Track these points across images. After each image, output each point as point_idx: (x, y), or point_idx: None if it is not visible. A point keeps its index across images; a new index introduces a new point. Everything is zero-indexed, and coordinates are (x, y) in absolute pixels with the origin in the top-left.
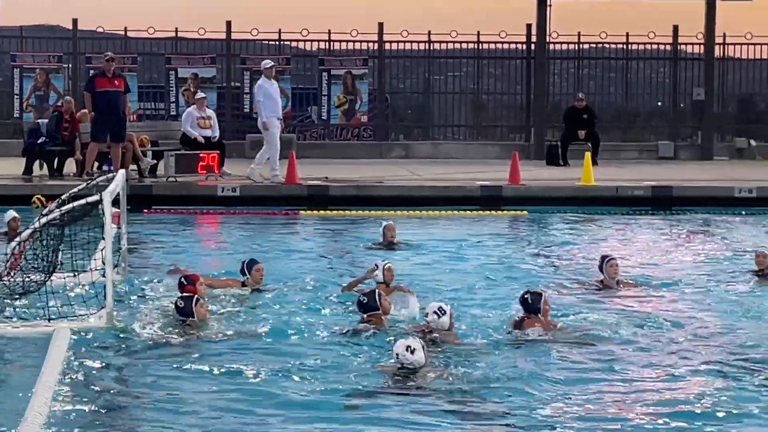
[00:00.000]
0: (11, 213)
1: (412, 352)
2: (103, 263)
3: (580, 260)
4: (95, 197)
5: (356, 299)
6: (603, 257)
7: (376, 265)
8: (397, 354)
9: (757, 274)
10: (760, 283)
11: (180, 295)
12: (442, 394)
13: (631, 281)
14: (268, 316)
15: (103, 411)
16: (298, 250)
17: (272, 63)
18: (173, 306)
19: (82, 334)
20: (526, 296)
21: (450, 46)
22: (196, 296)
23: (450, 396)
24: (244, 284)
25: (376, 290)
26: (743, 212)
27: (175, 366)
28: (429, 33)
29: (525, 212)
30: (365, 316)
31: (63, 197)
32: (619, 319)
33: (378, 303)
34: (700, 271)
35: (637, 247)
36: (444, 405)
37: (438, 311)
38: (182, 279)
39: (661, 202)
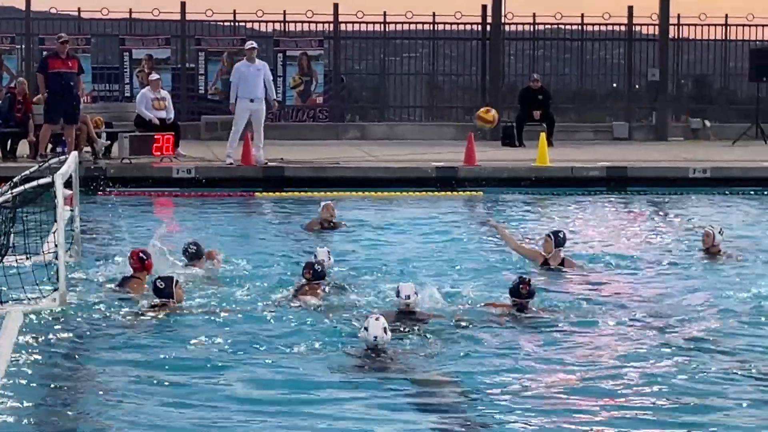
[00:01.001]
0: None
1: (386, 331)
2: (56, 246)
3: (535, 241)
4: (47, 179)
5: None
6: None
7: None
8: (375, 336)
9: (705, 252)
10: (706, 261)
11: (159, 276)
12: (413, 375)
13: (573, 260)
14: (223, 297)
15: (56, 395)
16: (253, 232)
17: (252, 45)
18: (152, 286)
19: (35, 316)
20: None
21: (405, 27)
22: (175, 278)
23: (422, 377)
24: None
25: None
26: (699, 192)
27: (129, 349)
28: (384, 14)
29: (480, 193)
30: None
31: (15, 179)
32: (573, 298)
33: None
34: (652, 250)
35: (591, 227)
36: (416, 387)
37: (416, 291)
38: (140, 254)
39: (616, 182)
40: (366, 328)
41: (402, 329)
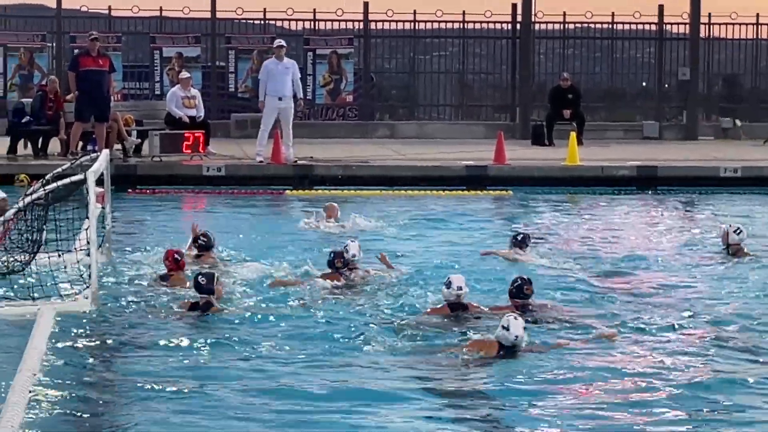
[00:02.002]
0: None
1: (524, 330)
2: (88, 243)
3: (564, 240)
4: (80, 177)
5: None
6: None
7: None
8: (516, 336)
9: (726, 250)
10: (726, 260)
11: (200, 272)
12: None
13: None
14: (259, 295)
15: (87, 393)
16: (283, 230)
17: (280, 43)
18: (192, 282)
19: (67, 314)
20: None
21: (435, 25)
22: (216, 274)
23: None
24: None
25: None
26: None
27: (160, 346)
28: (414, 12)
29: (510, 192)
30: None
31: (47, 177)
32: (599, 298)
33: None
34: (678, 249)
35: (620, 226)
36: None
37: (465, 283)
38: (175, 254)
39: (646, 181)
40: (506, 328)
41: (460, 322)
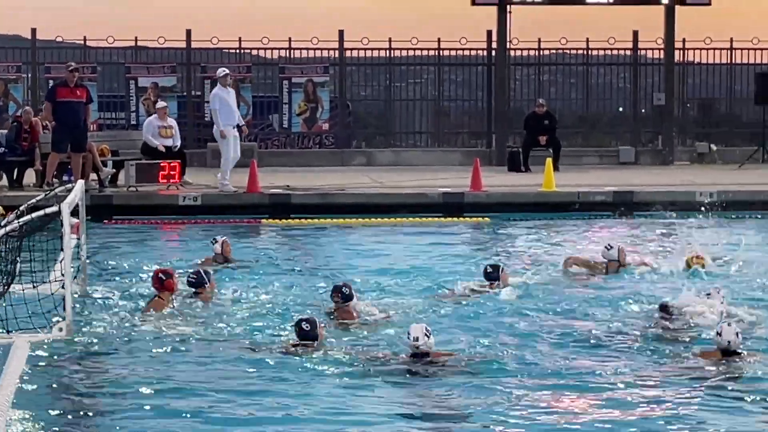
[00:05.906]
0: None
1: (428, 336)
2: (63, 275)
3: (541, 266)
4: (54, 208)
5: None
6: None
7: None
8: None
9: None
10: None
11: (302, 317)
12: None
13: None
14: (233, 323)
15: (62, 424)
16: (260, 259)
17: (227, 71)
18: (296, 329)
19: (42, 346)
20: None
21: (411, 53)
22: (318, 320)
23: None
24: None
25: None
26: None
27: (136, 375)
28: (390, 40)
29: (487, 219)
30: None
31: (22, 208)
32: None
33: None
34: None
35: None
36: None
37: (427, 332)
38: (160, 274)
39: (623, 207)
40: (719, 333)
41: (415, 371)
